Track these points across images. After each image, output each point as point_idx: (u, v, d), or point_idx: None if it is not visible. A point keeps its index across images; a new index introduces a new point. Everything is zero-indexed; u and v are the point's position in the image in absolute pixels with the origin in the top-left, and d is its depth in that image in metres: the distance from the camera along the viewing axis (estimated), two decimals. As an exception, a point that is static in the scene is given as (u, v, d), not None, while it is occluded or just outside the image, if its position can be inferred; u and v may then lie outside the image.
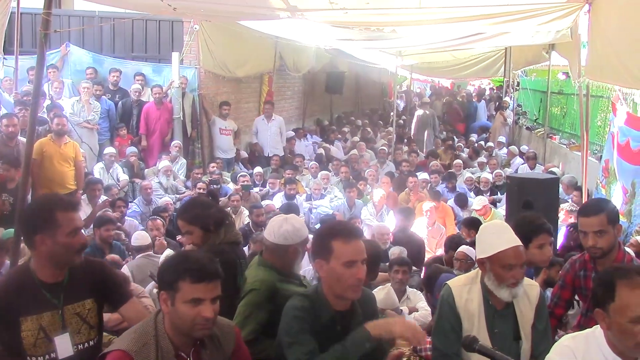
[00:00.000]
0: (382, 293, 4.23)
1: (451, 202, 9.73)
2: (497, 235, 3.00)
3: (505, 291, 2.96)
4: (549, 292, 4.09)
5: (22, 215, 2.97)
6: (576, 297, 3.88)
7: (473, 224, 7.26)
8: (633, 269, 2.44)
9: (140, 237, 6.36)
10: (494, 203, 9.81)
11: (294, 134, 13.38)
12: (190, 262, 2.32)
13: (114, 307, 2.92)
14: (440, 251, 7.92)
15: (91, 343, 2.81)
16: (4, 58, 8.13)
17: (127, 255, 6.59)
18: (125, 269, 5.71)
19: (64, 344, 2.71)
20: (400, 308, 4.91)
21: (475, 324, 3.03)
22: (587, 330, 2.56)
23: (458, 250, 5.81)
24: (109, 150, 9.34)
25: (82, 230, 2.82)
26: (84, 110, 9.42)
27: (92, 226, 6.83)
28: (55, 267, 2.72)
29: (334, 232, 2.69)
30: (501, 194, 9.96)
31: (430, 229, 8.16)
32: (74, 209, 2.74)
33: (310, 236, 3.16)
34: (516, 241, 2.97)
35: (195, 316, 2.28)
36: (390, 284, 5.07)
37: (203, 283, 2.29)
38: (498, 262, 2.94)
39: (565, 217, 7.55)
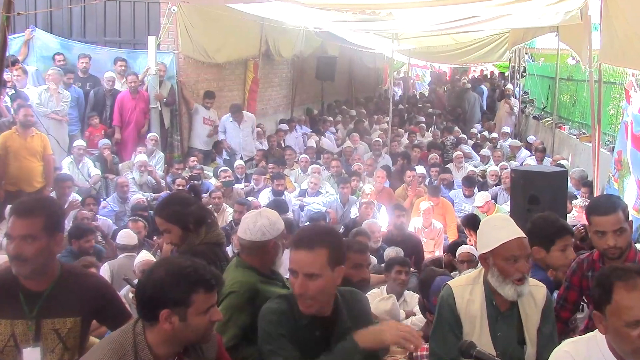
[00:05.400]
0: (389, 304, 4.25)
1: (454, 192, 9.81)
2: (500, 227, 3.05)
3: (511, 288, 2.98)
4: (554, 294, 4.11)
5: None
6: (584, 300, 3.91)
7: (473, 223, 7.29)
8: (632, 269, 2.44)
9: (126, 235, 6.36)
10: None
11: (286, 126, 13.43)
12: (199, 272, 2.34)
13: (112, 329, 2.87)
14: (439, 253, 7.96)
15: None
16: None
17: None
18: (105, 268, 5.71)
19: (32, 359, 2.68)
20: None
21: (476, 327, 3.05)
22: (589, 334, 2.58)
23: (461, 251, 5.78)
24: (78, 142, 9.19)
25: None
26: (52, 101, 9.15)
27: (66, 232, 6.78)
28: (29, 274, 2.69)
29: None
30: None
31: (427, 230, 8.15)
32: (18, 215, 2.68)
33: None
34: (519, 233, 3.02)
35: (207, 323, 2.35)
36: (385, 286, 5.07)
37: (214, 290, 2.38)
38: (502, 255, 2.98)
39: (579, 213, 7.55)
